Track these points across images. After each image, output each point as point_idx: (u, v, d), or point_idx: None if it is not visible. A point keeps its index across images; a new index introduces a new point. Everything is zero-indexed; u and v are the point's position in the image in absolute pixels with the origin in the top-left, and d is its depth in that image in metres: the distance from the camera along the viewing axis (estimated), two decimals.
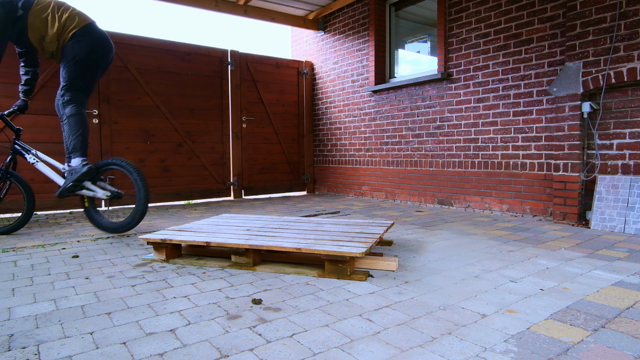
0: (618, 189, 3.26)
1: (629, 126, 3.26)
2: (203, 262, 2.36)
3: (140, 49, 5.03)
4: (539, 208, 3.84)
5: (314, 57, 6.62)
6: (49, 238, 3.15)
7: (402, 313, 1.63)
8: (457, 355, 1.29)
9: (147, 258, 2.48)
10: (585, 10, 3.41)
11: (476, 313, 1.62)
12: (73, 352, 1.33)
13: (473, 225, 3.56)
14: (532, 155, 3.89)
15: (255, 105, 6.02)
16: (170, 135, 5.26)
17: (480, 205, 4.33)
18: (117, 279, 2.11)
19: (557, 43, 3.69)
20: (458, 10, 4.48)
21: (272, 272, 2.20)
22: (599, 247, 2.71)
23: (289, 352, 1.31)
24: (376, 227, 2.61)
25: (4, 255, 2.63)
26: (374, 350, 1.33)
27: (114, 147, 4.90)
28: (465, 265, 2.31)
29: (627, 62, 3.18)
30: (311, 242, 2.20)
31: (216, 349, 1.34)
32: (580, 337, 1.41)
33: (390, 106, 5.31)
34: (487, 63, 4.23)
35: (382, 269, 2.21)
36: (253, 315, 1.61)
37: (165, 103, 5.21)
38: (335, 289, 1.92)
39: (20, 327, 1.52)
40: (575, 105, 3.48)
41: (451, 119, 4.59)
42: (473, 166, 4.40)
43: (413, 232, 3.25)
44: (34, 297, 1.84)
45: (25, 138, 4.37)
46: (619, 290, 1.88)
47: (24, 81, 3.51)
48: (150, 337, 1.43)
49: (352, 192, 5.98)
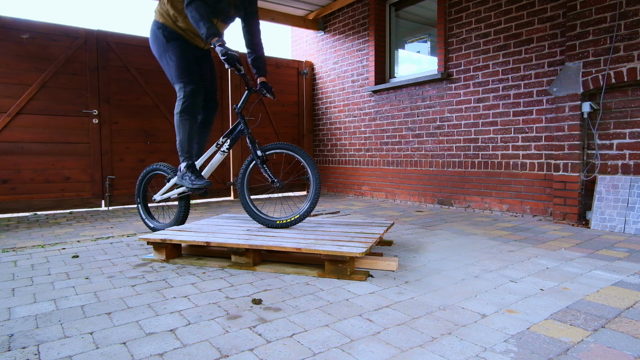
0: (618, 189, 3.26)
1: (629, 126, 3.26)
2: (203, 262, 2.36)
3: (140, 49, 5.03)
4: (539, 208, 3.84)
5: (314, 57, 6.62)
6: (49, 238, 3.15)
7: (402, 313, 1.63)
8: (457, 355, 1.29)
9: (147, 258, 2.48)
10: (585, 10, 3.41)
11: (476, 313, 1.62)
12: (73, 352, 1.33)
13: (473, 225, 3.56)
14: (532, 155, 3.89)
15: (256, 105, 6.01)
16: (170, 135, 5.26)
17: (480, 205, 4.33)
18: (117, 279, 2.11)
19: (557, 43, 3.69)
20: (458, 10, 4.48)
21: (272, 272, 2.20)
22: (599, 247, 2.71)
23: (289, 352, 1.31)
24: (376, 227, 2.61)
25: (4, 255, 2.63)
26: (374, 350, 1.32)
27: (114, 147, 4.89)
28: (465, 265, 2.31)
29: (627, 62, 3.18)
30: (311, 242, 2.20)
31: (216, 349, 1.34)
32: (580, 337, 1.41)
33: (390, 106, 5.31)
34: (487, 63, 4.23)
35: (382, 269, 2.21)
36: (253, 315, 1.61)
37: (165, 103, 5.21)
38: (335, 289, 1.92)
39: (20, 327, 1.52)
40: (575, 105, 3.48)
41: (451, 119, 4.59)
42: (473, 166, 4.40)
43: (413, 232, 3.25)
44: (34, 297, 1.84)
45: (25, 138, 4.37)
46: (619, 290, 1.88)
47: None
48: (150, 337, 1.43)
49: (352, 192, 5.97)
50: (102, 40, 4.78)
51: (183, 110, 2.79)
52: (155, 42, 2.89)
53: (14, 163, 4.32)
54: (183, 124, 2.82)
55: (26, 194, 4.40)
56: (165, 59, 2.85)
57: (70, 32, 4.58)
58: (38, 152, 4.44)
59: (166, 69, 2.88)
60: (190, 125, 2.84)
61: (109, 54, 4.83)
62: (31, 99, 4.39)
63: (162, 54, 2.85)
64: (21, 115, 4.35)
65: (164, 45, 2.83)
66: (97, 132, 4.78)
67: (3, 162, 4.27)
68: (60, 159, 4.58)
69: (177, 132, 2.85)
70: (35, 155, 4.43)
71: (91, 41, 4.71)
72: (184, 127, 2.82)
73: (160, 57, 2.88)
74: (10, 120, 4.28)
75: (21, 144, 4.35)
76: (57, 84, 4.53)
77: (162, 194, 3.21)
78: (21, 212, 4.40)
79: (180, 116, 2.81)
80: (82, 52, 4.66)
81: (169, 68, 2.84)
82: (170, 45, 2.82)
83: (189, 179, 2.81)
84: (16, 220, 4.07)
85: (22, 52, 4.33)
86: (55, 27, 4.51)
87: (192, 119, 2.84)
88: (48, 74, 4.46)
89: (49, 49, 4.47)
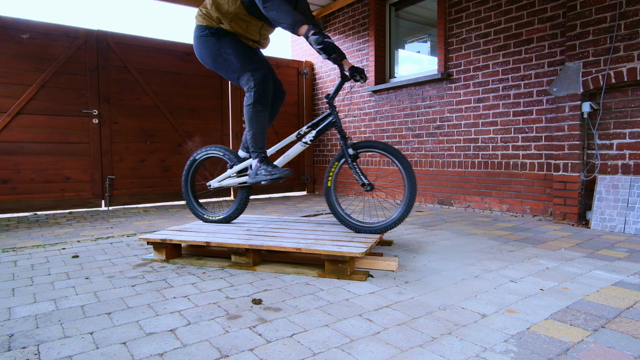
0: (618, 189, 3.26)
1: (629, 126, 3.26)
2: (203, 262, 2.36)
3: (140, 49, 5.03)
4: (539, 208, 3.84)
5: (314, 57, 6.62)
6: (49, 238, 3.15)
7: (402, 313, 1.63)
8: (457, 355, 1.29)
9: (147, 258, 2.48)
10: (585, 10, 3.41)
11: (476, 313, 1.62)
12: (73, 352, 1.33)
13: (473, 225, 3.56)
14: (532, 155, 3.89)
15: None
16: (170, 135, 5.26)
17: (480, 205, 4.33)
18: (117, 279, 2.11)
19: (557, 43, 3.69)
20: (458, 10, 4.48)
21: (272, 272, 2.20)
22: (599, 247, 2.71)
23: (289, 352, 1.31)
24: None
25: (4, 255, 2.63)
26: (374, 350, 1.32)
27: (114, 147, 4.89)
28: (465, 265, 2.31)
29: (627, 62, 3.18)
30: (311, 242, 2.20)
31: (216, 349, 1.34)
32: (580, 337, 1.41)
33: (390, 106, 5.31)
34: (487, 63, 4.23)
35: (382, 269, 2.21)
36: (253, 315, 1.61)
37: (165, 103, 5.21)
38: (335, 289, 1.92)
39: (20, 327, 1.52)
40: (575, 105, 3.48)
41: (451, 119, 4.59)
42: (473, 166, 4.40)
43: (413, 232, 3.24)
44: (34, 297, 1.84)
45: (25, 138, 4.37)
46: (619, 290, 1.88)
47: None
48: (150, 337, 1.43)
49: (352, 192, 5.97)
50: (102, 40, 4.78)
51: (256, 100, 2.55)
52: (204, 45, 2.66)
53: (14, 163, 4.32)
54: (257, 116, 2.57)
55: (26, 194, 4.40)
56: (221, 57, 2.62)
57: (70, 32, 4.58)
58: (38, 152, 4.44)
59: (224, 67, 2.65)
60: (264, 117, 2.60)
61: (109, 54, 4.83)
62: (31, 99, 4.39)
63: (216, 53, 2.63)
64: (21, 115, 4.35)
65: (216, 45, 2.62)
66: (97, 132, 4.78)
67: (3, 162, 4.27)
68: (60, 159, 4.58)
69: (250, 125, 2.59)
70: (35, 155, 4.43)
71: (91, 41, 4.71)
72: (258, 119, 2.58)
73: (215, 59, 2.65)
74: (10, 120, 4.28)
75: (21, 144, 4.35)
76: (57, 84, 4.53)
77: (219, 181, 2.89)
78: (21, 212, 4.40)
79: (254, 108, 2.56)
80: (82, 52, 4.66)
81: (227, 64, 2.62)
82: (224, 42, 2.61)
83: (265, 172, 2.55)
84: (16, 220, 4.07)
85: (22, 52, 4.33)
86: (55, 27, 4.51)
87: (265, 110, 2.61)
88: (48, 74, 4.46)
89: (49, 49, 4.47)
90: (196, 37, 2.69)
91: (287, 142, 2.82)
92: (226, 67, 2.65)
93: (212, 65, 2.72)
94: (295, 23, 2.29)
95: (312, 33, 2.25)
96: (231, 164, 2.86)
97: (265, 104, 2.59)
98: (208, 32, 2.63)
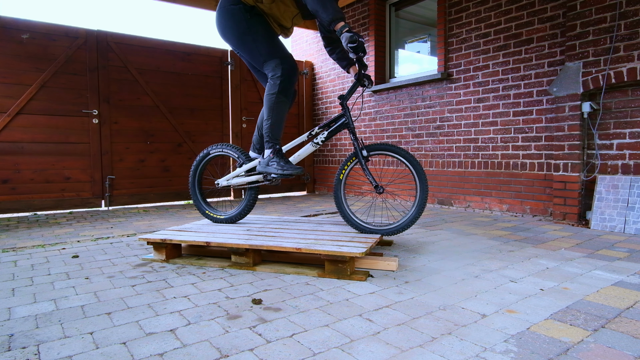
0: (618, 189, 3.26)
1: (629, 126, 3.26)
2: (203, 262, 2.36)
3: (140, 49, 5.03)
4: (539, 208, 3.84)
5: (314, 57, 6.62)
6: (49, 238, 3.15)
7: (402, 313, 1.63)
8: (457, 355, 1.29)
9: (147, 258, 2.48)
10: (585, 10, 3.41)
11: (476, 313, 1.62)
12: (73, 352, 1.33)
13: (473, 225, 3.56)
14: (532, 155, 3.89)
15: (256, 105, 6.01)
16: (170, 135, 5.26)
17: (480, 205, 4.33)
18: (117, 279, 2.11)
19: (557, 43, 3.69)
20: (458, 10, 4.48)
21: (272, 272, 2.20)
22: (599, 247, 2.71)
23: (289, 352, 1.31)
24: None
25: (4, 255, 2.63)
26: (374, 350, 1.32)
27: (114, 147, 4.89)
28: (465, 265, 2.31)
29: (627, 62, 3.18)
30: (311, 242, 2.20)
31: (216, 349, 1.34)
32: (580, 337, 1.41)
33: (390, 106, 5.31)
34: (487, 63, 4.23)
35: (382, 269, 2.21)
36: (253, 315, 1.61)
37: (165, 103, 5.21)
38: (335, 289, 1.92)
39: (20, 327, 1.52)
40: (575, 105, 3.48)
41: (451, 119, 4.59)
42: (473, 166, 4.40)
43: (413, 232, 3.24)
44: (34, 297, 1.84)
45: (25, 138, 4.37)
46: (619, 290, 1.88)
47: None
48: (150, 337, 1.43)
49: (352, 192, 5.97)
50: (102, 40, 4.78)
51: (281, 91, 2.48)
52: (232, 19, 2.49)
53: (14, 163, 4.32)
54: (278, 106, 2.51)
55: (26, 194, 4.40)
56: (248, 37, 2.49)
57: (70, 32, 4.58)
58: (38, 152, 4.44)
59: (251, 48, 2.53)
60: (285, 108, 2.54)
61: (109, 54, 4.83)
62: (31, 99, 4.39)
63: (244, 32, 2.49)
64: (21, 115, 4.34)
65: (246, 22, 2.47)
66: (97, 132, 4.78)
67: (3, 162, 4.27)
68: (60, 159, 4.58)
69: (269, 114, 2.53)
70: (35, 155, 4.43)
71: (91, 41, 4.71)
72: (279, 109, 2.51)
73: (242, 37, 2.51)
74: (10, 120, 4.28)
75: (21, 144, 4.35)
76: (57, 84, 4.53)
77: (228, 179, 2.87)
78: (21, 212, 4.40)
79: (277, 97, 2.48)
80: (82, 52, 4.66)
81: (255, 46, 2.50)
82: (255, 21, 2.48)
83: (277, 165, 2.51)
84: (16, 220, 4.07)
85: (22, 52, 4.33)
86: (55, 27, 4.51)
87: (287, 102, 2.55)
88: (48, 74, 4.46)
89: (49, 49, 4.47)
90: (224, 8, 2.52)
91: (298, 142, 2.79)
92: (253, 48, 2.52)
93: (235, 42, 2.58)
94: (336, 17, 2.29)
95: (347, 30, 2.27)
96: (240, 163, 2.84)
97: (288, 96, 2.54)
98: (243, 6, 2.48)
